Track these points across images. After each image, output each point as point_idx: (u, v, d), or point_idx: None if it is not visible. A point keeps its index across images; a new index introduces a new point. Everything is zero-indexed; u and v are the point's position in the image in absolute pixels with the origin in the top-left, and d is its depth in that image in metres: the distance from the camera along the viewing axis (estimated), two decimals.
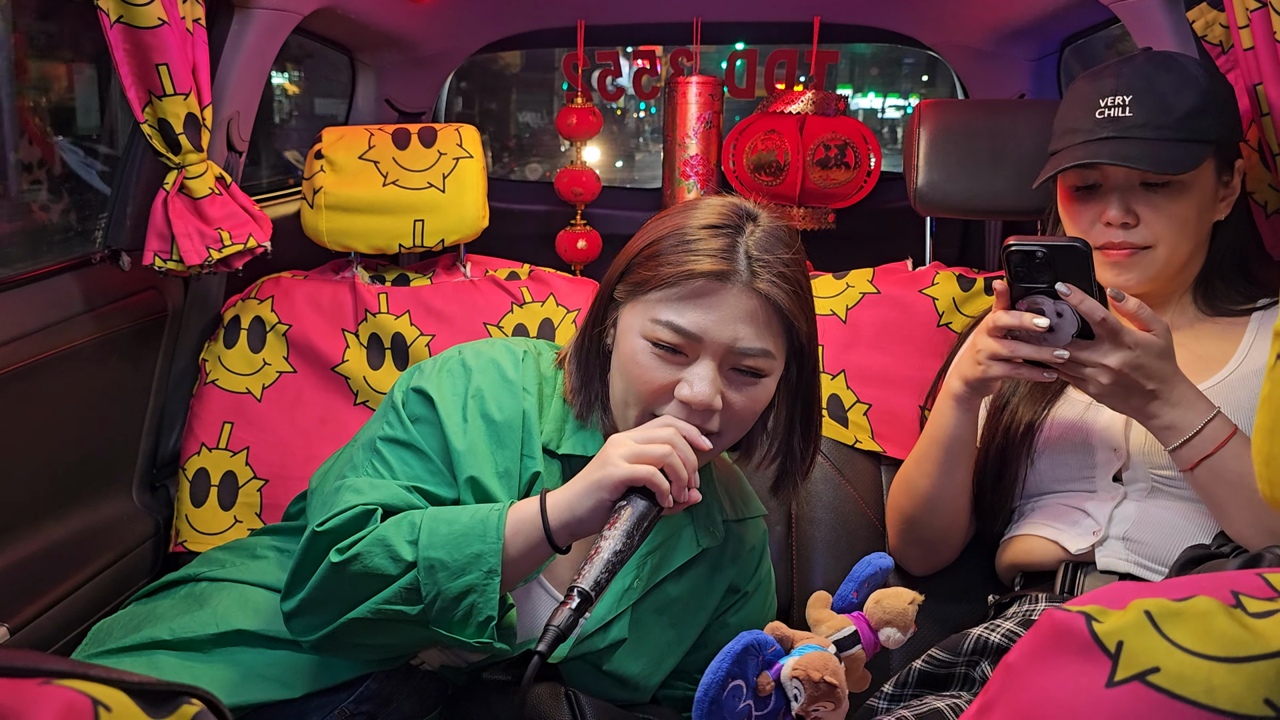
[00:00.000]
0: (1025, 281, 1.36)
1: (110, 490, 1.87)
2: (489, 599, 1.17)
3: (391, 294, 2.02)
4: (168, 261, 1.73)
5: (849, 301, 1.95)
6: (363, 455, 1.33)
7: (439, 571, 1.17)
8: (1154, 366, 1.35)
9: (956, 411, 1.53)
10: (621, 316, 1.31)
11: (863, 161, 2.54)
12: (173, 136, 1.69)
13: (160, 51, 1.62)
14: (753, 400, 1.28)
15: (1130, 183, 1.50)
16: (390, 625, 1.20)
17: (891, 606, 1.14)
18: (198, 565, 1.51)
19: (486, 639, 1.17)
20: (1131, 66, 1.53)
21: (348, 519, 1.22)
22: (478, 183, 2.03)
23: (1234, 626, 0.57)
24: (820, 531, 1.82)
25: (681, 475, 1.17)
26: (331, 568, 1.20)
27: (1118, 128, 1.49)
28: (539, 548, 1.19)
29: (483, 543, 1.18)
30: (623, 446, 1.18)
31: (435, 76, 2.84)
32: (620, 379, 1.30)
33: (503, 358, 1.37)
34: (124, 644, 1.35)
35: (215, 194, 1.77)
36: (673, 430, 1.19)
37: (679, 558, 1.40)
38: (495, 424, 1.32)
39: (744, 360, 1.25)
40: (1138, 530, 1.47)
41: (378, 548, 1.19)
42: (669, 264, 1.25)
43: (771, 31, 2.85)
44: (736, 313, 1.24)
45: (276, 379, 1.97)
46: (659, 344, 1.24)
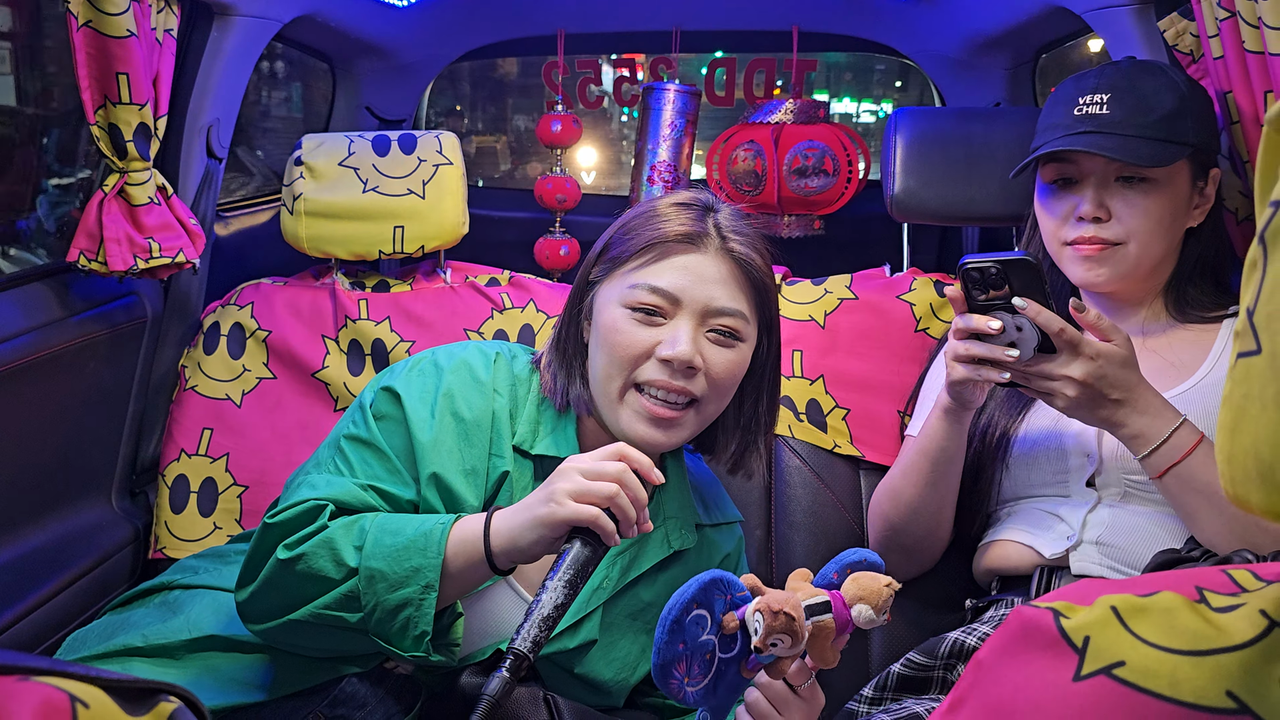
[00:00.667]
0: (983, 298, 1.37)
1: (89, 496, 1.86)
2: (424, 614, 1.17)
3: (371, 300, 2.02)
4: (91, 262, 1.72)
5: (827, 307, 1.97)
6: (327, 453, 1.35)
7: (378, 582, 1.18)
8: (1117, 376, 1.36)
9: (944, 423, 1.54)
10: (599, 295, 1.35)
11: (842, 168, 2.55)
12: (121, 143, 1.68)
13: (124, 61, 1.62)
14: (730, 364, 1.32)
15: (1105, 178, 1.52)
16: (331, 630, 1.21)
17: (866, 585, 1.14)
18: (172, 573, 1.51)
19: (420, 653, 1.18)
20: (1115, 69, 1.56)
21: (297, 514, 1.23)
22: (458, 189, 2.03)
23: (1197, 621, 0.58)
24: (799, 535, 1.83)
25: (629, 515, 1.16)
26: (278, 564, 1.21)
27: (1096, 123, 1.51)
28: (480, 568, 1.19)
29: (423, 557, 1.18)
30: (570, 481, 1.16)
31: (415, 84, 2.84)
32: (602, 352, 1.32)
33: (474, 359, 1.39)
34: (98, 651, 1.35)
35: (154, 203, 1.76)
36: (622, 466, 1.17)
37: (650, 558, 1.40)
38: (464, 422, 1.33)
39: (721, 320, 1.30)
40: (1111, 535, 1.49)
41: (323, 550, 1.20)
42: (643, 235, 1.32)
43: (750, 40, 2.87)
44: (711, 274, 1.31)
45: (256, 385, 1.97)
46: (638, 308, 1.30)
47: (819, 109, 2.63)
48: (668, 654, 1.06)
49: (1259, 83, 1.48)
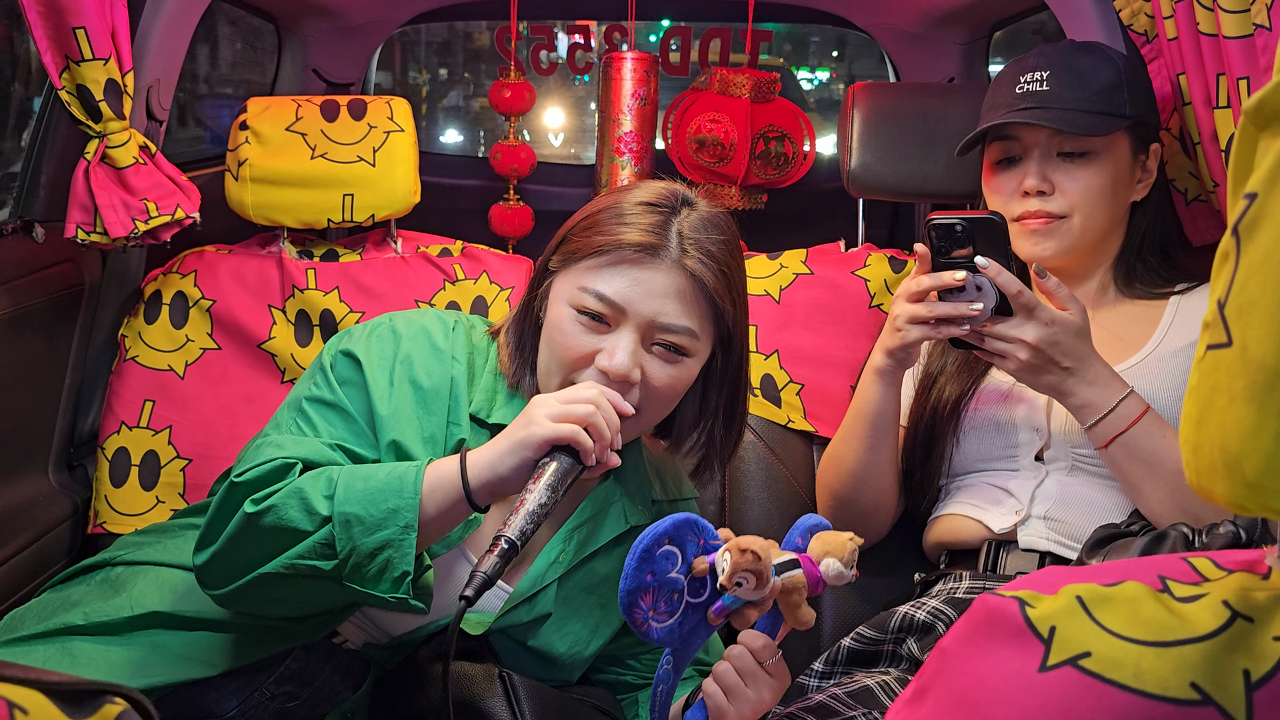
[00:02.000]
0: (946, 256, 1.40)
1: (25, 470, 1.81)
2: (404, 554, 1.15)
3: (320, 270, 1.98)
4: (91, 234, 1.67)
5: (782, 282, 1.96)
6: (287, 414, 1.32)
7: (354, 526, 1.15)
8: (1069, 344, 1.39)
9: (879, 385, 1.57)
10: (553, 285, 1.33)
11: (799, 149, 2.55)
12: (92, 104, 1.62)
13: (77, 14, 1.55)
14: (673, 380, 1.29)
15: (1048, 152, 1.56)
16: (303, 581, 1.19)
17: (830, 540, 1.16)
18: (114, 550, 1.47)
19: (401, 594, 1.16)
20: (1053, 48, 1.60)
21: (266, 470, 1.20)
22: (409, 157, 1.99)
23: (1162, 611, 0.58)
24: (753, 510, 1.83)
25: (605, 435, 1.18)
26: (245, 518, 1.18)
27: (1036, 99, 1.55)
28: (457, 506, 1.19)
29: (399, 498, 1.16)
30: (547, 406, 1.18)
31: (365, 47, 2.77)
32: (546, 346, 1.31)
33: (433, 326, 1.37)
34: (37, 631, 1.31)
35: (139, 163, 1.70)
36: (597, 392, 1.20)
37: (607, 533, 1.40)
38: (422, 390, 1.32)
39: (666, 336, 1.27)
40: (1058, 509, 1.51)
41: (293, 500, 1.17)
42: (601, 234, 1.28)
43: (705, 8, 2.84)
44: (662, 288, 1.26)
45: (200, 356, 1.92)
46: (583, 311, 1.27)
47: (775, 84, 2.62)
48: (635, 581, 1.07)
49: (1211, 65, 1.49)
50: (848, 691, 1.39)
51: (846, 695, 1.37)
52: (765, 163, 2.52)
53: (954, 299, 1.41)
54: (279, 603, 1.25)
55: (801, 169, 2.55)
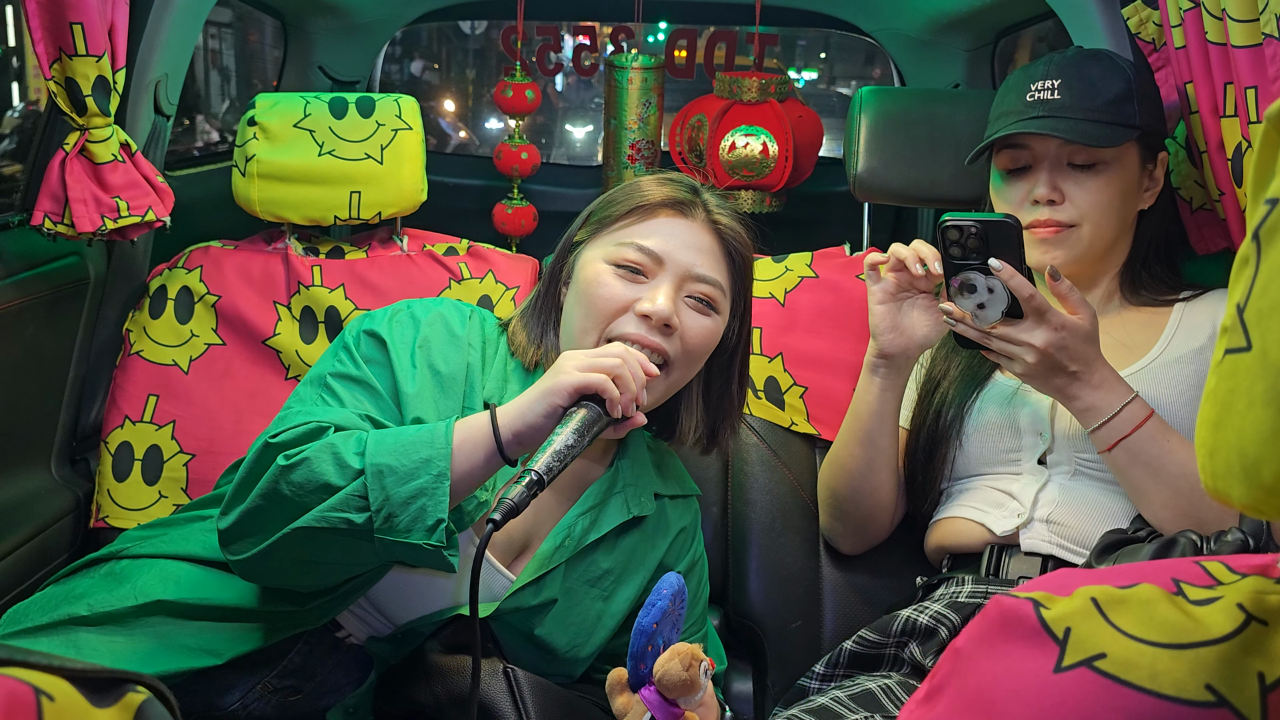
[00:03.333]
0: (959, 258, 1.40)
1: (28, 463, 1.81)
2: (439, 501, 1.16)
3: (326, 267, 1.98)
4: (58, 225, 1.66)
5: (787, 285, 1.97)
6: (310, 390, 1.34)
7: (387, 476, 1.16)
8: (1078, 349, 1.39)
9: (873, 383, 1.59)
10: (582, 254, 1.39)
11: (780, 155, 2.52)
12: (79, 97, 1.62)
13: (76, 10, 1.55)
14: (705, 331, 1.37)
15: (1058, 162, 1.56)
16: (334, 539, 1.18)
17: (673, 680, 1.12)
18: (118, 544, 1.48)
19: (435, 542, 1.16)
20: (1063, 56, 1.60)
21: (300, 433, 1.22)
22: (416, 155, 1.99)
23: (1176, 614, 0.58)
24: (755, 513, 1.83)
25: (631, 387, 1.21)
26: (279, 471, 1.18)
27: (1046, 108, 1.55)
28: (490, 458, 1.20)
29: (431, 448, 1.18)
30: (575, 359, 1.22)
31: (371, 45, 2.77)
32: (579, 307, 1.35)
33: (450, 313, 1.41)
34: (41, 623, 1.31)
35: (118, 160, 1.70)
36: (623, 347, 1.24)
37: (609, 521, 1.41)
38: (440, 375, 1.35)
39: (700, 287, 1.36)
40: (1061, 513, 1.52)
41: (326, 454, 1.18)
42: (633, 200, 1.38)
43: (711, 12, 2.85)
44: (696, 241, 1.37)
45: (205, 351, 1.92)
46: (622, 265, 1.34)
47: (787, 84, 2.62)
48: None
49: (1219, 74, 1.50)
50: (849, 694, 1.39)
51: (848, 698, 1.38)
52: (738, 163, 2.51)
53: (965, 300, 1.41)
54: (304, 565, 1.24)
55: (783, 173, 2.53)
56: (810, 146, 2.57)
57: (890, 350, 1.57)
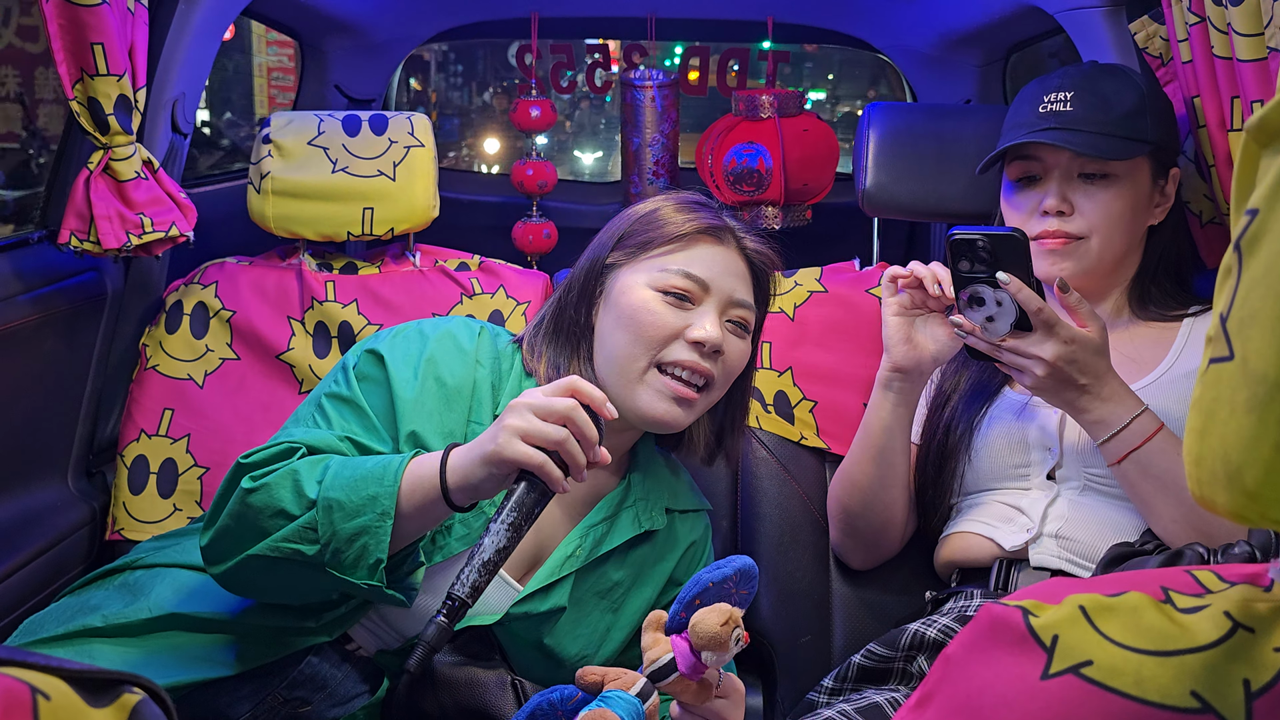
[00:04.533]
0: (967, 271, 1.41)
1: (45, 476, 1.83)
2: (379, 541, 1.16)
3: (339, 282, 2.00)
4: (84, 242, 1.69)
5: (797, 300, 1.97)
6: (306, 409, 1.37)
7: (335, 511, 1.17)
8: (1088, 362, 1.39)
9: (886, 400, 1.60)
10: (618, 279, 1.41)
11: (775, 170, 2.54)
12: (102, 117, 1.65)
13: (97, 30, 1.58)
14: (742, 354, 1.42)
15: (1069, 173, 1.56)
16: (290, 566, 1.20)
17: (705, 630, 1.10)
18: (132, 555, 1.49)
19: (375, 582, 1.17)
20: (1077, 70, 1.60)
21: (271, 453, 1.24)
22: (428, 171, 2.01)
23: (1164, 621, 0.59)
24: (765, 527, 1.84)
25: (579, 461, 1.14)
26: (241, 494, 1.20)
27: (1059, 120, 1.55)
28: (437, 504, 1.18)
29: (379, 486, 1.18)
30: (520, 418, 1.13)
31: (386, 63, 2.81)
32: (626, 332, 1.36)
33: (459, 330, 1.42)
34: (56, 633, 1.33)
35: (141, 178, 1.73)
36: (572, 403, 1.14)
37: (619, 535, 1.42)
38: (446, 387, 1.36)
39: (738, 312, 1.41)
40: (1070, 528, 1.51)
41: (286, 481, 1.20)
42: (671, 224, 1.41)
43: (724, 30, 2.87)
44: (733, 267, 1.42)
45: (219, 366, 1.94)
46: (670, 291, 1.37)
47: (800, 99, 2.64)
48: None
49: (1226, 88, 1.50)
50: (857, 708, 1.39)
51: (856, 712, 1.38)
52: (738, 179, 2.53)
53: (974, 313, 1.41)
54: (271, 589, 1.28)
55: (780, 186, 2.54)
56: (819, 160, 2.57)
57: (904, 363, 1.57)
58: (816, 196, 2.60)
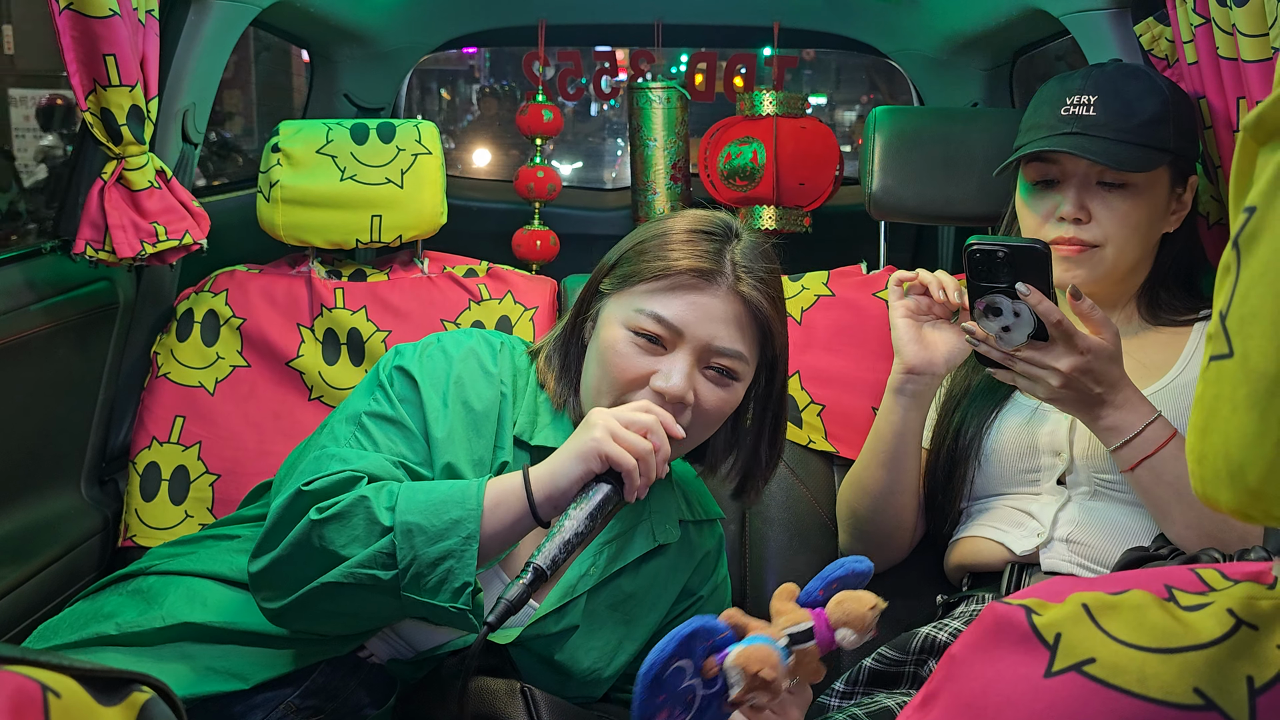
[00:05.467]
0: (985, 280, 1.38)
1: (58, 484, 1.84)
2: (466, 565, 1.16)
3: (348, 289, 2.01)
4: (99, 251, 1.70)
5: (804, 304, 1.97)
6: (344, 429, 1.34)
7: (416, 536, 1.16)
8: (1103, 371, 1.38)
9: (898, 405, 1.59)
10: (605, 308, 1.35)
11: (768, 166, 2.55)
12: (115, 127, 1.66)
13: (109, 42, 1.59)
14: (722, 402, 1.32)
15: (1087, 180, 1.54)
16: (362, 592, 1.19)
17: (851, 610, 1.12)
18: (146, 560, 1.49)
19: (462, 605, 1.16)
20: (1101, 71, 1.57)
21: (333, 482, 1.22)
22: (436, 179, 2.02)
23: (1166, 619, 0.59)
24: (774, 531, 1.84)
25: (653, 474, 1.20)
26: (310, 525, 1.19)
27: (1081, 125, 1.53)
28: (520, 520, 1.20)
29: (462, 509, 1.18)
30: (610, 424, 1.20)
31: (395, 72, 2.82)
32: (597, 367, 1.33)
33: (481, 348, 1.40)
34: (70, 640, 1.33)
35: (155, 187, 1.74)
36: (654, 419, 1.22)
37: (634, 550, 1.41)
38: (474, 413, 1.34)
39: (719, 359, 1.31)
40: (1081, 532, 1.51)
41: (358, 509, 1.19)
42: (658, 259, 1.32)
43: (731, 35, 2.88)
44: (718, 312, 1.30)
45: (230, 373, 1.96)
46: (640, 333, 1.30)
47: (803, 102, 2.64)
48: (648, 709, 1.04)
49: (1232, 89, 1.50)
50: (868, 712, 1.39)
51: (867, 716, 1.37)
52: (731, 174, 2.54)
53: (989, 322, 1.40)
54: (333, 616, 1.25)
55: (772, 182, 2.55)
56: (815, 158, 2.57)
57: (916, 364, 1.57)
58: (816, 200, 2.59)
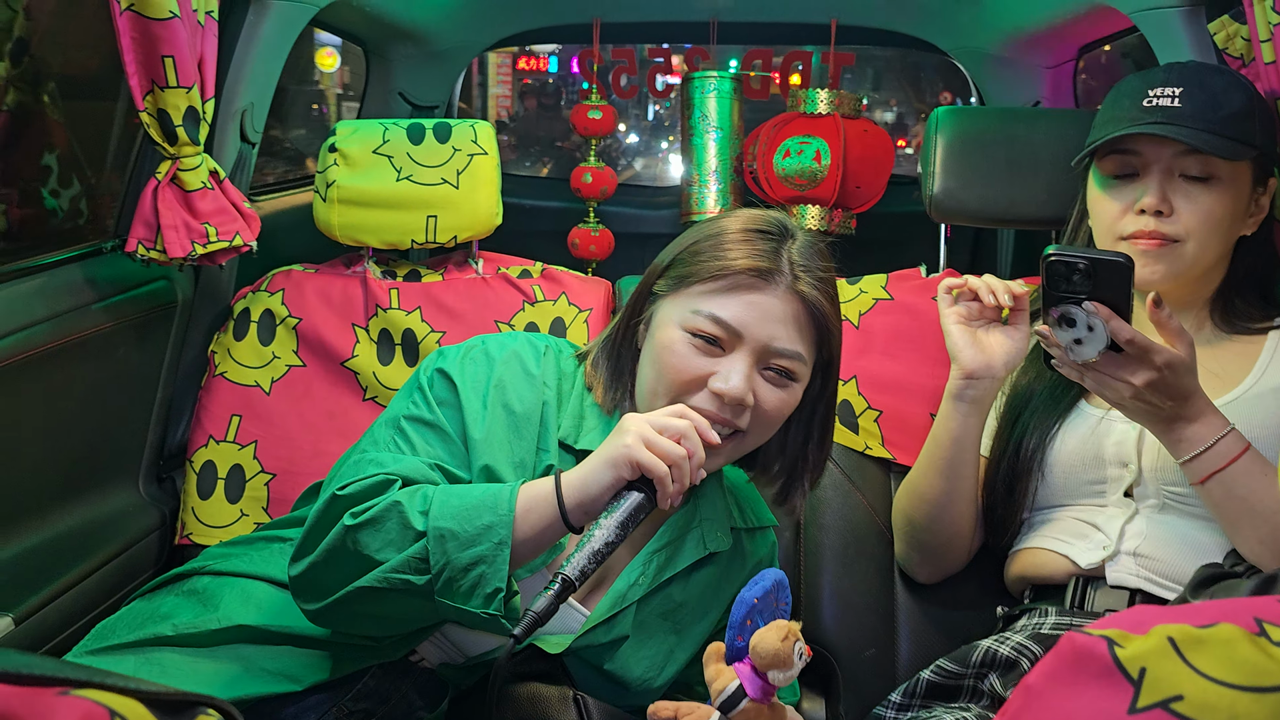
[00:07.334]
0: (1061, 291, 1.34)
1: (117, 481, 1.87)
2: (498, 570, 1.16)
3: (403, 289, 2.02)
4: (151, 251, 1.72)
5: (862, 307, 1.95)
6: (385, 432, 1.35)
7: (449, 541, 1.16)
8: (1177, 384, 1.34)
9: (956, 411, 1.56)
10: (659, 309, 1.34)
11: (833, 165, 2.52)
12: (170, 128, 1.68)
13: (168, 43, 1.61)
14: (781, 403, 1.31)
15: (1169, 172, 1.50)
16: (396, 596, 1.19)
17: (766, 650, 1.09)
18: (201, 560, 1.51)
19: (493, 611, 1.16)
20: (1183, 67, 1.54)
21: (367, 485, 1.22)
22: (492, 179, 2.02)
23: (1258, 655, 0.56)
24: (829, 538, 1.81)
25: (686, 480, 1.18)
26: (344, 530, 1.19)
27: (1165, 115, 1.49)
28: (552, 527, 1.19)
29: (494, 514, 1.17)
30: (642, 429, 1.18)
31: (450, 70, 2.83)
32: (652, 368, 1.31)
33: (525, 351, 1.39)
34: (127, 640, 1.34)
35: (207, 188, 1.76)
36: (689, 424, 1.19)
37: (684, 559, 1.40)
38: (515, 415, 1.34)
39: (778, 360, 1.29)
40: (1149, 546, 1.47)
41: (391, 514, 1.19)
42: (715, 259, 1.30)
43: (787, 32, 2.85)
44: (777, 312, 1.28)
45: (286, 373, 1.97)
46: (698, 334, 1.28)
47: (858, 102, 2.61)
48: None
49: None
50: None
51: None
52: (791, 173, 2.51)
53: (1062, 333, 1.35)
54: (370, 619, 1.26)
55: (834, 185, 2.52)
56: (874, 162, 2.54)
57: (974, 368, 1.54)
58: (866, 203, 2.57)
